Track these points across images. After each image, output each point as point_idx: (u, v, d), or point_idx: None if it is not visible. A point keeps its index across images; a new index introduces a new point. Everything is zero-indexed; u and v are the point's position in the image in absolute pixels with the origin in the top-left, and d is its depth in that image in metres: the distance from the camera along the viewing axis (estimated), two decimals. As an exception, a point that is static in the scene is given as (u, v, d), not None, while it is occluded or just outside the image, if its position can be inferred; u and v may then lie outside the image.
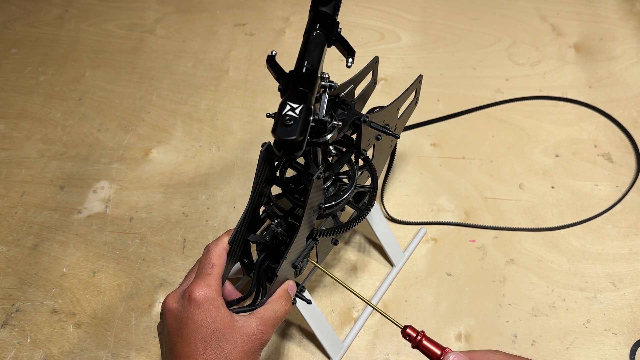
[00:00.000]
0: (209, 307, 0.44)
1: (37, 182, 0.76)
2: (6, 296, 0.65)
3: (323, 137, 0.47)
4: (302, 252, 0.51)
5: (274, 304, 0.48)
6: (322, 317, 0.58)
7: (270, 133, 0.39)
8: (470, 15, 0.99)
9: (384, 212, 0.72)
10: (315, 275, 0.66)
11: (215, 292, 0.45)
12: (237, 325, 0.44)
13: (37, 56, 0.94)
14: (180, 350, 0.43)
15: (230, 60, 0.93)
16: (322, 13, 0.47)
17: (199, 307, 0.44)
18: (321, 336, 0.58)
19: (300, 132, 0.39)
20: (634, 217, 0.71)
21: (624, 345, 0.60)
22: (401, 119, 0.64)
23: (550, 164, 0.77)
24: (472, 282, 0.66)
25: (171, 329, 0.45)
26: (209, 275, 0.46)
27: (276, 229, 0.50)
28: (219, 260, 0.47)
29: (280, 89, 0.44)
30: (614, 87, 0.87)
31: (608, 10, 0.99)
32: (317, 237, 0.52)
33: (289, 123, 0.39)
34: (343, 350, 0.60)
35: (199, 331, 0.43)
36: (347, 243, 0.70)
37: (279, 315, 0.47)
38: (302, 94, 0.41)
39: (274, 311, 0.47)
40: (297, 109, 0.40)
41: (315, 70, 0.43)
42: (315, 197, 0.48)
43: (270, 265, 0.52)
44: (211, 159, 0.79)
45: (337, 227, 0.52)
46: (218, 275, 0.46)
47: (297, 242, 0.48)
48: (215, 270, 0.46)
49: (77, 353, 0.61)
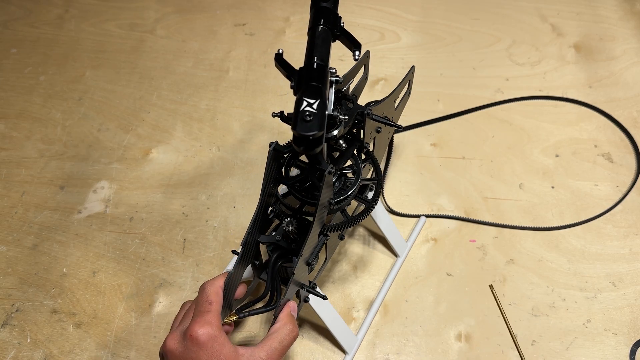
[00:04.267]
0: (213, 345, 0.43)
1: (37, 182, 0.76)
2: (6, 296, 0.65)
3: (331, 132, 0.48)
4: (314, 249, 0.51)
5: (280, 333, 0.47)
6: (335, 312, 0.58)
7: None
8: (470, 15, 0.99)
9: (384, 204, 0.72)
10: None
11: (217, 329, 0.44)
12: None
13: (37, 56, 0.94)
14: None
15: (230, 60, 0.93)
16: (324, 8, 0.47)
17: (203, 347, 0.43)
18: (335, 331, 0.58)
19: (319, 126, 0.39)
20: (634, 217, 0.71)
21: (624, 345, 0.60)
22: (397, 111, 0.66)
23: (550, 164, 0.77)
24: (472, 282, 0.66)
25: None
26: (208, 312, 0.45)
27: (287, 228, 0.50)
28: (216, 297, 0.47)
29: (292, 86, 0.44)
30: (614, 87, 0.87)
31: (608, 10, 0.99)
32: (328, 233, 0.52)
33: (308, 119, 0.39)
34: (357, 344, 0.60)
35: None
36: (351, 237, 0.70)
37: (285, 345, 0.47)
38: (316, 89, 0.41)
39: (281, 341, 0.46)
40: (314, 104, 0.40)
41: (326, 65, 0.44)
42: (326, 192, 0.48)
43: (283, 265, 0.52)
44: (211, 159, 0.79)
45: (347, 221, 0.53)
46: (217, 312, 0.46)
47: (310, 239, 0.48)
48: (213, 307, 0.46)
49: (77, 353, 0.61)
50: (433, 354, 0.60)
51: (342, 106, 0.53)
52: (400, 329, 0.62)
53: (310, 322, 0.62)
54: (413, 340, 0.61)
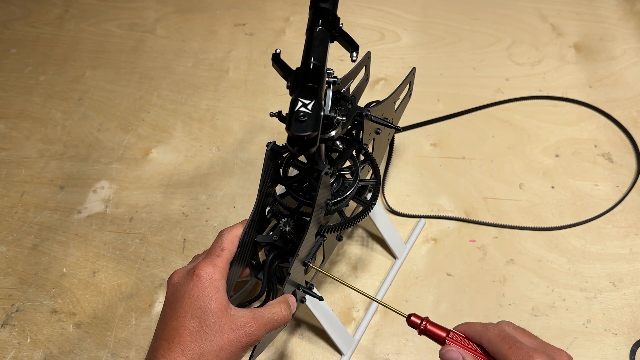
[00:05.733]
0: (209, 286, 0.44)
1: (37, 182, 0.76)
2: (6, 296, 0.65)
3: (328, 133, 0.48)
4: (311, 250, 0.51)
5: (273, 307, 0.47)
6: (331, 313, 0.58)
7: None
8: (470, 15, 0.99)
9: (384, 204, 0.72)
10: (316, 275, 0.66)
11: (219, 274, 0.45)
12: (229, 312, 0.44)
13: (37, 56, 0.94)
14: (167, 321, 0.43)
15: (230, 60, 0.93)
16: (323, 9, 0.47)
17: (198, 283, 0.44)
18: (332, 332, 0.58)
19: (314, 127, 0.39)
20: (634, 217, 0.71)
21: (624, 345, 0.60)
22: (397, 112, 0.65)
23: (550, 164, 0.77)
24: (472, 282, 0.66)
25: (168, 301, 0.45)
26: (217, 257, 0.46)
27: (284, 228, 0.50)
28: (230, 245, 0.47)
29: (288, 86, 0.44)
30: (614, 87, 0.87)
31: (608, 10, 0.99)
32: (325, 234, 0.52)
33: (302, 119, 0.39)
34: (354, 345, 0.60)
35: (191, 306, 0.43)
36: (350, 238, 0.70)
37: (274, 318, 0.46)
38: (312, 89, 0.41)
39: (271, 312, 0.46)
40: (309, 105, 0.40)
41: (322, 66, 0.44)
42: (323, 193, 0.48)
43: (279, 265, 0.52)
44: (211, 159, 0.79)
45: (344, 222, 0.53)
46: (226, 259, 0.46)
47: (306, 240, 0.48)
48: (224, 253, 0.46)
49: (77, 353, 0.61)
50: (433, 354, 0.60)
51: (340, 107, 0.53)
52: (400, 329, 0.62)
53: (310, 323, 0.62)
54: (413, 340, 0.61)
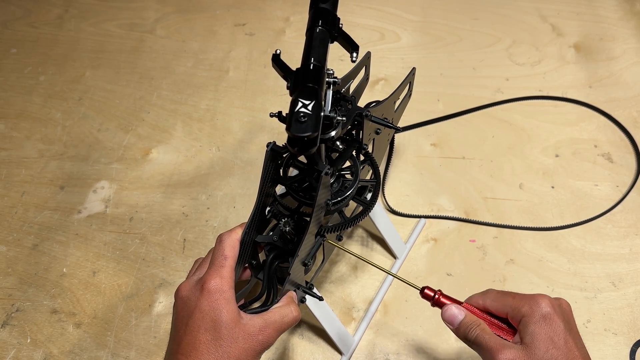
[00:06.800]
0: (219, 299, 0.44)
1: (37, 182, 0.76)
2: (6, 296, 0.65)
3: (328, 133, 0.48)
4: (311, 250, 0.51)
5: (282, 309, 0.47)
6: (331, 313, 0.58)
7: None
8: (470, 15, 0.99)
9: (384, 204, 0.72)
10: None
11: (227, 284, 0.45)
12: (242, 321, 0.44)
13: (37, 56, 0.94)
14: (181, 337, 0.43)
15: (230, 60, 0.93)
16: (323, 9, 0.47)
17: (208, 297, 0.44)
18: (332, 332, 0.58)
19: (314, 127, 0.39)
20: (634, 217, 0.71)
21: (624, 345, 0.61)
22: (397, 112, 0.65)
23: (550, 164, 0.77)
24: (472, 282, 0.66)
25: (178, 316, 0.45)
26: (222, 267, 0.46)
27: (284, 228, 0.50)
28: (231, 251, 0.47)
29: (288, 87, 0.44)
30: (614, 87, 0.87)
31: (608, 10, 0.99)
32: (325, 234, 0.52)
33: (302, 120, 0.39)
34: (354, 346, 0.60)
35: (203, 320, 0.43)
36: (350, 238, 0.70)
37: (285, 321, 0.47)
38: (312, 90, 0.41)
39: (282, 316, 0.47)
40: (309, 105, 0.40)
41: (323, 66, 0.44)
42: (323, 193, 0.48)
43: (279, 265, 0.52)
44: (211, 159, 0.79)
45: (344, 223, 0.53)
46: (231, 267, 0.46)
47: (306, 240, 0.48)
48: (228, 262, 0.46)
49: (77, 353, 0.61)
50: (433, 354, 0.60)
51: (340, 107, 0.53)
52: (400, 329, 0.62)
53: (310, 323, 0.62)
54: (413, 340, 0.61)
